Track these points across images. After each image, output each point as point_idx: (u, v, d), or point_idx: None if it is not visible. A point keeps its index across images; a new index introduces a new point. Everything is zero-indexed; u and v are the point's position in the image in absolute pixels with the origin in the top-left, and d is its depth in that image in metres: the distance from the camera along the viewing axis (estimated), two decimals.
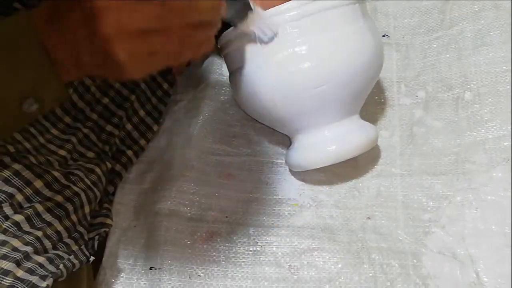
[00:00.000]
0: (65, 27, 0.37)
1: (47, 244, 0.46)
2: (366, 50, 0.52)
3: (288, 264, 0.52)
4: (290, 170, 0.59)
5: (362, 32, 0.52)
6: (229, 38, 0.53)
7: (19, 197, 0.47)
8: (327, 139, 0.54)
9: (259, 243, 0.54)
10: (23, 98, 0.38)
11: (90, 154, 0.55)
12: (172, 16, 0.36)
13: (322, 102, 0.52)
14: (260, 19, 0.48)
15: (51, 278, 0.43)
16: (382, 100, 0.63)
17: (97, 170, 0.53)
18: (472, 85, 0.60)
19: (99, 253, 0.54)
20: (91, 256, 0.50)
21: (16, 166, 0.47)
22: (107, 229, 0.54)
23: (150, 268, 0.53)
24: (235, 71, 0.55)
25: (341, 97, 0.52)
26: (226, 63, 0.57)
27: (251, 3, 0.47)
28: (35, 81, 0.38)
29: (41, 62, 0.37)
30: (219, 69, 0.65)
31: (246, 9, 0.47)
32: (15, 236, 0.44)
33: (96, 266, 0.54)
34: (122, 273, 0.53)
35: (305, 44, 0.50)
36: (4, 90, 0.38)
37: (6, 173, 0.46)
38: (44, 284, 0.43)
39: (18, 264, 0.43)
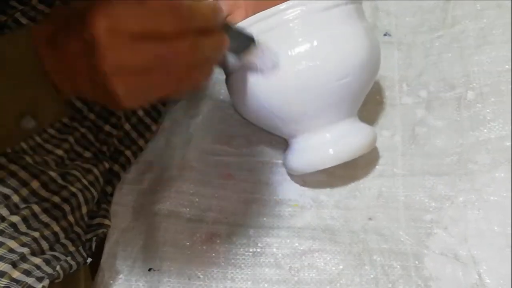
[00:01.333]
0: (64, 53, 0.37)
1: (44, 245, 0.46)
2: (362, 50, 0.51)
3: (289, 265, 0.52)
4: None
5: (359, 32, 0.52)
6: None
7: (15, 198, 0.46)
8: (326, 141, 0.53)
9: (259, 244, 0.53)
10: (21, 116, 0.38)
11: (87, 154, 0.55)
12: (172, 55, 0.37)
13: (321, 104, 0.51)
14: (262, 51, 0.49)
15: (48, 280, 0.43)
16: (384, 100, 0.63)
17: (95, 170, 0.53)
18: (474, 84, 0.59)
19: (98, 254, 0.54)
20: (88, 257, 0.50)
21: (12, 167, 0.47)
22: (105, 230, 0.54)
23: (149, 270, 0.53)
24: (232, 74, 0.54)
25: (340, 98, 0.52)
26: (221, 66, 0.57)
27: (254, 37, 0.48)
28: (33, 100, 0.38)
29: (40, 81, 0.38)
30: (219, 68, 0.65)
31: (249, 42, 0.48)
32: (11, 237, 0.44)
33: (95, 268, 0.53)
34: (121, 275, 0.53)
35: (306, 43, 0.49)
36: (1, 108, 0.38)
37: (2, 174, 0.46)
38: (40, 285, 0.43)
39: (14, 265, 0.43)
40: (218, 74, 0.65)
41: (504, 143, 0.55)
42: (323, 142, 0.53)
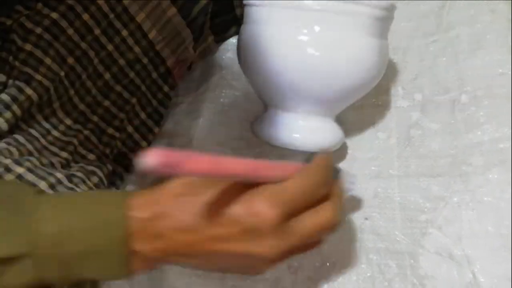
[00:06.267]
0: None
1: None
2: (366, 69, 0.54)
3: (287, 263, 0.53)
4: None
5: (370, 49, 0.53)
6: None
7: None
8: (298, 126, 0.55)
9: None
10: None
11: (91, 156, 0.55)
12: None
13: (305, 92, 0.53)
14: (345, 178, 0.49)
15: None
16: (380, 103, 0.63)
17: (99, 172, 0.53)
18: (468, 88, 0.60)
19: None
20: None
21: (19, 170, 0.47)
22: None
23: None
24: (248, 28, 0.55)
25: (326, 96, 0.54)
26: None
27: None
28: None
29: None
30: (220, 72, 0.66)
31: (336, 173, 0.47)
32: None
33: None
34: None
35: (317, 36, 0.51)
36: None
37: (10, 177, 0.47)
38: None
39: None
40: (219, 78, 0.66)
41: (497, 145, 0.56)
42: (296, 125, 0.55)
